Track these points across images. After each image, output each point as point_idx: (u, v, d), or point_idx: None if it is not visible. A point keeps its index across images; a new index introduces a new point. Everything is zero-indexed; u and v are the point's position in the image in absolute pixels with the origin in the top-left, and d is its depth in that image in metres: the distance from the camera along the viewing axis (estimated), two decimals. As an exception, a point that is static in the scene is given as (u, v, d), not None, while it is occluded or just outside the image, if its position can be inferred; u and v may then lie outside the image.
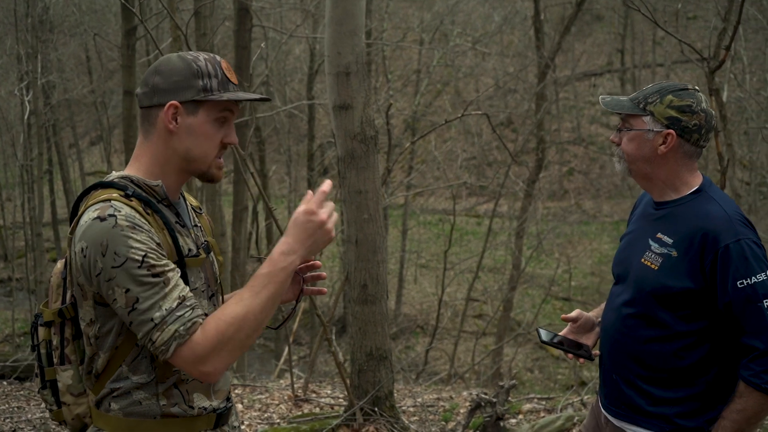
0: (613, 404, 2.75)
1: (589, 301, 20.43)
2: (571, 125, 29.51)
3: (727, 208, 2.54)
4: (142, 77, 2.18)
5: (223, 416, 2.25)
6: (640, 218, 2.80)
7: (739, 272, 2.43)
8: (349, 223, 5.54)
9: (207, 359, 1.95)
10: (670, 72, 25.55)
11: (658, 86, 2.66)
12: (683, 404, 2.58)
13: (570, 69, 27.61)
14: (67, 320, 2.16)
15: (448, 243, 13.86)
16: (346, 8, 5.28)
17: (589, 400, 7.12)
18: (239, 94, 2.15)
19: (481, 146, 25.14)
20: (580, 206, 26.00)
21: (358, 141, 5.39)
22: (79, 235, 1.99)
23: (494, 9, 24.53)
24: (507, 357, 16.52)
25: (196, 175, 2.19)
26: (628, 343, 2.66)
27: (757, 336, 2.43)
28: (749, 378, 2.45)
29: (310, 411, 6.64)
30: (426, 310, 20.52)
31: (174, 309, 1.95)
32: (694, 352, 2.56)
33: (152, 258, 1.96)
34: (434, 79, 22.13)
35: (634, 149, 2.63)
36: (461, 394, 7.58)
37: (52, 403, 2.23)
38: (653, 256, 2.61)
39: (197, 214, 2.36)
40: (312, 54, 17.91)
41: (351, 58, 5.33)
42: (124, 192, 2.05)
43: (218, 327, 1.96)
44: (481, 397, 5.55)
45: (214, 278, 2.28)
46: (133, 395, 2.09)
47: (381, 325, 5.66)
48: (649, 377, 2.62)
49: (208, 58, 2.14)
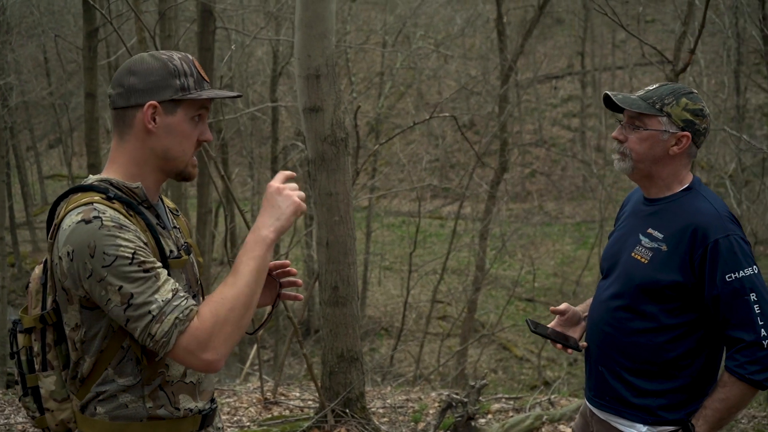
0: (598, 396, 2.82)
1: (551, 301, 20.62)
2: (532, 127, 29.80)
3: (716, 206, 2.63)
4: (114, 78, 2.16)
5: (209, 417, 2.26)
6: (630, 216, 2.87)
7: (728, 266, 2.52)
8: (320, 225, 5.56)
9: (209, 344, 1.95)
10: (632, 75, 25.87)
11: (669, 88, 2.71)
12: (667, 396, 2.65)
13: (531, 71, 27.88)
14: (48, 326, 2.14)
15: (413, 245, 13.91)
16: (317, 11, 5.30)
17: (555, 399, 7.22)
18: (217, 92, 2.16)
19: (444, 149, 25.26)
20: (543, 208, 26.25)
21: (329, 143, 5.41)
22: (63, 239, 1.98)
23: (456, 12, 24.66)
24: (471, 358, 16.62)
25: (173, 174, 2.19)
26: (615, 336, 2.72)
27: (742, 328, 2.52)
28: (734, 368, 2.53)
29: (280, 414, 6.64)
30: (390, 312, 20.57)
31: (170, 299, 1.95)
32: (680, 344, 2.63)
33: (141, 255, 1.96)
34: (397, 81, 22.20)
35: (646, 149, 2.67)
36: (429, 395, 7.62)
37: (34, 410, 2.21)
38: (643, 250, 2.68)
39: (174, 215, 2.37)
40: (275, 56, 17.86)
41: (321, 60, 5.35)
42: (106, 195, 2.05)
43: (212, 309, 1.97)
44: (452, 397, 5.59)
45: (195, 279, 2.29)
46: (119, 398, 2.09)
47: (352, 326, 5.68)
48: (635, 369, 2.69)
49: (181, 57, 2.15)
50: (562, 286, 20.96)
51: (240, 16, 18.49)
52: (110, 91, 2.15)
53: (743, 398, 2.55)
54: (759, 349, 2.50)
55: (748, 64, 20.84)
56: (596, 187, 21.64)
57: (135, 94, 2.09)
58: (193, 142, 2.17)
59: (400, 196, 24.63)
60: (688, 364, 2.64)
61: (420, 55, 20.50)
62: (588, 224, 24.76)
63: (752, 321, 2.51)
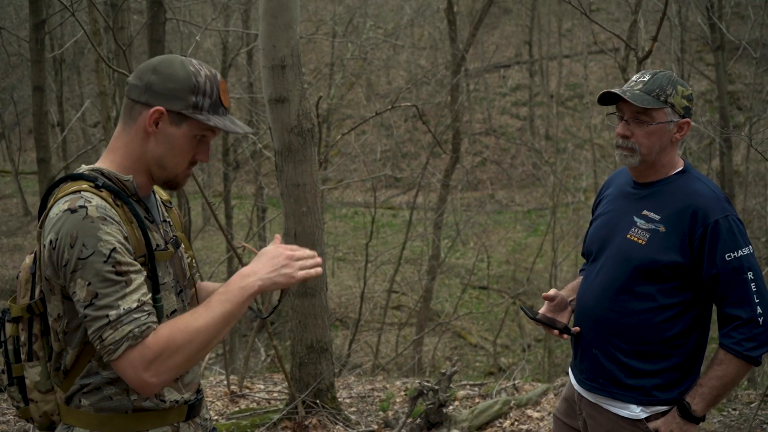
0: (590, 379, 2.85)
1: (504, 288, 20.84)
2: (482, 116, 30.01)
3: (712, 187, 2.70)
4: (138, 68, 2.14)
5: (195, 408, 2.27)
6: (617, 199, 2.90)
7: (728, 246, 2.59)
8: (288, 216, 5.54)
9: (152, 365, 1.93)
10: (587, 62, 26.12)
11: (665, 77, 2.73)
12: (662, 376, 2.71)
13: (480, 61, 28.05)
14: (35, 316, 2.13)
15: (370, 235, 13.93)
16: (281, 1, 5.27)
17: (519, 385, 7.30)
18: (226, 124, 2.15)
19: (395, 139, 25.29)
20: (494, 196, 26.46)
21: (295, 134, 5.40)
22: (49, 227, 1.98)
23: (405, 2, 24.68)
24: (427, 347, 16.72)
25: (160, 181, 2.19)
26: (611, 318, 2.76)
27: (740, 305, 2.60)
28: (731, 345, 2.61)
29: (247, 407, 6.61)
30: (345, 303, 20.56)
31: (132, 310, 1.93)
32: (677, 322, 2.69)
33: (119, 254, 1.95)
34: (347, 71, 22.14)
35: (655, 141, 2.71)
36: (395, 384, 7.66)
37: (19, 400, 2.20)
38: (639, 231, 2.72)
39: (167, 208, 2.36)
40: (224, 48, 17.68)
41: (286, 51, 5.33)
42: (94, 183, 2.05)
43: (170, 334, 1.95)
44: (423, 384, 5.63)
45: (183, 274, 2.28)
46: (103, 391, 2.08)
47: (321, 317, 5.68)
48: (630, 350, 2.74)
49: (210, 76, 2.13)
50: (515, 273, 21.15)
51: (188, 7, 18.26)
52: (130, 79, 2.14)
53: (738, 375, 2.62)
54: (755, 326, 2.58)
55: (690, 52, 21.23)
56: (547, 175, 21.88)
57: (149, 92, 2.09)
58: (187, 159, 2.17)
59: (353, 186, 24.61)
60: (682, 343, 2.70)
61: (370, 45, 20.46)
62: (538, 212, 25.04)
63: (749, 299, 2.59)
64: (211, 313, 1.99)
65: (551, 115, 28.25)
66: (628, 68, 8.87)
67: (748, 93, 21.77)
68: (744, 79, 25.71)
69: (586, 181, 21.64)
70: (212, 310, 1.99)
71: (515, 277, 20.88)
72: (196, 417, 2.28)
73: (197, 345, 1.96)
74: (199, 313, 1.99)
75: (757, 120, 11.83)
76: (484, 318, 19.61)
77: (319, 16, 24.12)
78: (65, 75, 21.85)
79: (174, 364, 1.95)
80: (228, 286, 2.04)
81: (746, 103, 23.62)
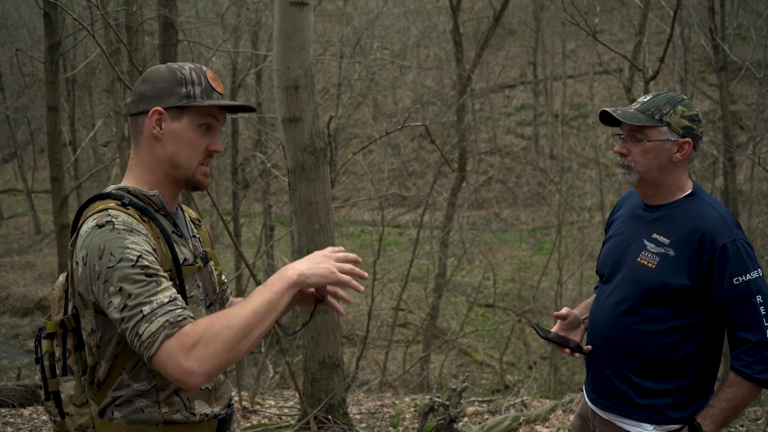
0: (603, 398, 2.86)
1: (510, 306, 20.82)
2: (487, 135, 30.09)
3: (721, 211, 2.70)
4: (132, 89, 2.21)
5: (225, 422, 2.27)
6: (629, 221, 2.91)
7: (736, 270, 2.58)
8: (300, 234, 5.57)
9: (192, 352, 1.88)
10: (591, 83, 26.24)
11: (664, 98, 2.75)
12: (673, 395, 2.71)
13: (485, 81, 28.16)
14: (69, 331, 2.16)
15: (377, 253, 13.95)
16: (295, 23, 5.33)
17: (528, 401, 7.31)
18: (220, 101, 2.19)
19: (402, 158, 25.37)
20: (499, 215, 26.49)
21: (308, 153, 5.44)
22: (80, 245, 2.02)
23: (412, 23, 24.83)
24: (433, 364, 16.69)
25: (182, 183, 2.20)
26: (623, 339, 2.76)
27: (749, 329, 2.59)
28: (741, 368, 2.60)
29: (259, 422, 6.63)
30: (352, 321, 20.55)
31: (165, 303, 1.94)
32: (687, 344, 2.69)
33: (146, 259, 1.97)
34: (354, 91, 22.26)
35: (650, 159, 2.72)
36: (404, 400, 7.67)
37: (55, 414, 2.22)
38: (650, 255, 2.72)
39: (196, 225, 2.39)
40: (234, 68, 17.82)
41: (300, 71, 5.38)
42: (121, 201, 2.09)
43: (209, 321, 1.94)
44: (434, 400, 5.64)
45: (212, 288, 2.30)
46: (135, 403, 2.10)
47: (333, 333, 5.70)
48: (642, 371, 2.74)
49: (193, 68, 2.18)
50: (521, 291, 21.14)
51: (198, 29, 18.41)
52: (127, 99, 2.18)
53: (749, 397, 2.62)
54: (765, 349, 2.57)
55: (693, 73, 21.32)
56: (552, 194, 21.90)
57: (144, 100, 2.14)
58: (200, 151, 2.18)
59: (360, 205, 24.67)
60: (693, 363, 2.70)
61: (377, 66, 20.59)
62: (543, 230, 25.04)
63: (758, 322, 2.58)
64: (250, 303, 1.98)
65: (556, 134, 28.31)
66: (632, 88, 8.94)
67: (750, 113, 21.83)
68: (747, 99, 25.76)
69: (590, 200, 21.66)
70: (252, 301, 1.99)
71: (521, 295, 20.87)
72: (227, 431, 2.29)
73: (237, 331, 1.92)
74: (240, 304, 1.99)
75: (760, 139, 11.86)
76: (490, 335, 19.58)
77: (327, 37, 24.25)
78: (77, 95, 22.00)
79: (216, 350, 1.90)
80: (269, 280, 2.05)
81: (749, 123, 23.67)
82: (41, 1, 10.98)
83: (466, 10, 26.66)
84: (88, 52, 18.38)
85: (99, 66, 19.53)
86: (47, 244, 24.61)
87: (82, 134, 21.55)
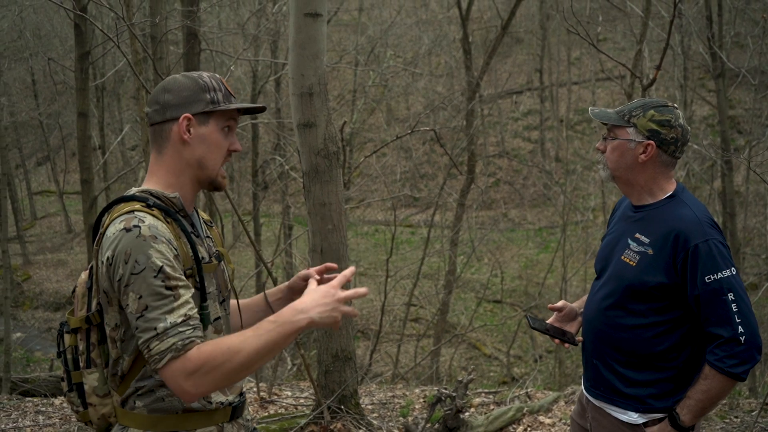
0: (594, 386, 2.91)
1: (517, 302, 20.79)
2: (495, 139, 30.06)
3: (697, 212, 2.70)
4: (150, 97, 2.23)
5: (238, 409, 2.31)
6: (621, 220, 2.94)
7: (707, 268, 2.59)
8: (314, 234, 5.58)
9: (192, 377, 1.96)
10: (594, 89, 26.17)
11: (642, 102, 2.80)
12: (656, 386, 2.74)
13: (493, 87, 28.12)
14: (93, 326, 2.19)
15: (390, 251, 13.96)
16: (309, 33, 5.34)
17: (532, 393, 7.30)
18: (243, 104, 2.25)
19: (414, 161, 25.37)
20: (507, 215, 26.45)
21: (322, 156, 5.45)
22: (106, 246, 2.04)
23: (423, 32, 24.82)
24: (443, 357, 16.69)
25: (206, 183, 2.24)
26: (608, 332, 2.80)
27: (721, 325, 2.60)
28: (714, 362, 2.61)
29: (276, 412, 6.65)
30: (365, 316, 20.58)
31: (177, 324, 1.98)
32: (667, 338, 2.71)
33: (169, 270, 2.01)
34: (368, 98, 22.29)
35: (616, 157, 2.78)
36: (414, 392, 7.67)
37: (78, 405, 2.25)
38: (632, 253, 2.76)
39: (208, 226, 2.42)
40: (254, 76, 17.87)
41: (314, 79, 5.39)
42: (146, 203, 2.12)
43: (213, 350, 1.98)
44: (441, 391, 5.65)
45: (225, 285, 2.34)
46: (156, 393, 2.14)
47: (345, 328, 5.71)
48: (626, 362, 2.77)
49: (210, 75, 2.24)
50: (527, 287, 21.11)
51: (220, 38, 18.47)
52: (147, 109, 2.22)
53: (723, 389, 2.62)
54: (737, 344, 2.58)
55: (693, 79, 21.20)
56: (557, 195, 21.85)
57: (170, 108, 2.17)
58: (224, 152, 2.24)
59: (374, 205, 24.69)
60: (674, 356, 2.72)
61: (390, 73, 20.60)
62: (549, 230, 24.98)
63: (730, 319, 2.58)
64: (257, 340, 1.99)
65: (561, 138, 28.26)
66: (633, 94, 8.90)
67: (747, 117, 21.69)
68: (744, 104, 25.63)
69: (594, 201, 21.60)
70: (259, 337, 2.00)
71: (527, 292, 20.84)
72: (239, 418, 2.32)
73: (237, 366, 1.98)
74: (246, 336, 2.01)
75: (757, 143, 11.79)
76: (497, 330, 19.57)
77: (342, 46, 24.30)
78: (106, 102, 22.12)
79: (212, 379, 1.97)
80: (279, 317, 2.04)
81: (746, 127, 23.52)
82: (72, 13, 11.05)
83: (475, 19, 26.67)
84: (116, 60, 18.49)
85: (127, 74, 19.65)
86: (78, 243, 24.79)
87: (111, 139, 21.67)
